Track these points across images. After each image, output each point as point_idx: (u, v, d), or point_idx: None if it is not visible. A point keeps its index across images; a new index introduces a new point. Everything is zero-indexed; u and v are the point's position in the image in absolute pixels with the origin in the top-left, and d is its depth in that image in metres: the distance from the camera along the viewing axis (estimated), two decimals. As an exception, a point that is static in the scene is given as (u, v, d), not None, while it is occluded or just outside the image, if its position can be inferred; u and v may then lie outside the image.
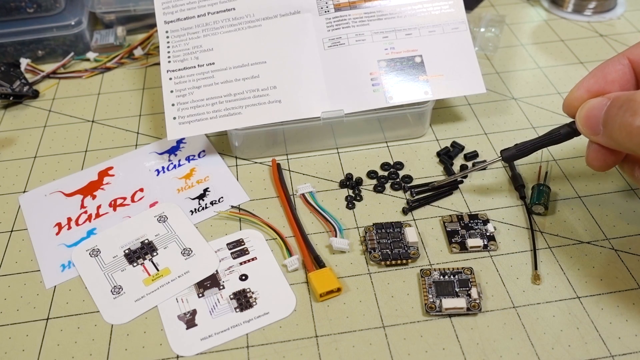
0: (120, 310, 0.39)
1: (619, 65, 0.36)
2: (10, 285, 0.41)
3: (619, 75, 0.36)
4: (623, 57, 0.37)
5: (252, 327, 0.38)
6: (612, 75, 0.36)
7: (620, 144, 0.33)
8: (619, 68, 0.36)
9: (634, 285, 0.39)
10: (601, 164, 0.37)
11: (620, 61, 0.37)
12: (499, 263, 0.41)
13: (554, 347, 0.36)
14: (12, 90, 0.57)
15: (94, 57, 0.62)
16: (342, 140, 0.50)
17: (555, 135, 0.39)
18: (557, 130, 0.39)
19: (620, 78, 0.36)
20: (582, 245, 0.42)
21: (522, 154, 0.41)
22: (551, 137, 0.39)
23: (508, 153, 0.41)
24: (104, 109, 0.57)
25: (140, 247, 0.43)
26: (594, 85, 0.36)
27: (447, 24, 0.50)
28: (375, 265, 0.41)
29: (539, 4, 0.69)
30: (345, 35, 0.50)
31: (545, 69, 0.59)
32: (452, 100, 0.55)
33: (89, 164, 0.51)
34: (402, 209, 0.45)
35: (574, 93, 0.37)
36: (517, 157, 0.41)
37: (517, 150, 0.40)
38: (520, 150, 0.40)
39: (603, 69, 0.37)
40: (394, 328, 0.37)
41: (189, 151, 0.51)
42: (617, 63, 0.37)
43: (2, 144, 0.53)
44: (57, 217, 0.46)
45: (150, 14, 0.63)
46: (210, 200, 0.46)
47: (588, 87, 0.36)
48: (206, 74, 0.49)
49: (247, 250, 0.42)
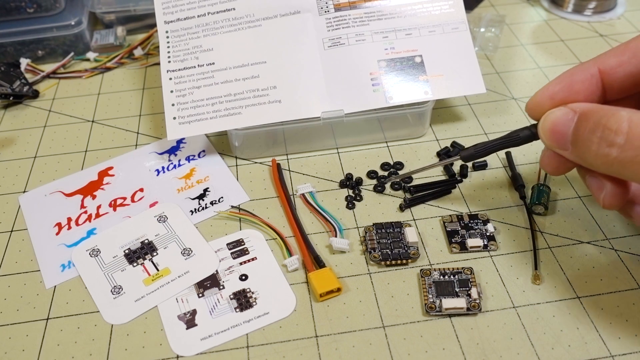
0: (120, 310, 0.39)
1: (587, 74, 0.35)
2: (10, 285, 0.41)
3: (585, 87, 0.35)
4: (594, 65, 0.36)
5: (252, 327, 0.38)
6: (578, 86, 0.35)
7: (594, 168, 0.33)
8: (586, 78, 0.35)
9: (634, 285, 0.39)
10: (555, 170, 0.36)
11: (589, 70, 0.35)
12: (499, 263, 0.41)
13: (554, 347, 0.36)
14: (12, 90, 0.57)
15: (94, 57, 0.62)
16: (342, 140, 0.50)
17: (515, 137, 0.38)
18: (517, 132, 0.38)
19: (586, 89, 0.35)
20: (582, 245, 0.42)
21: (479, 154, 0.41)
22: (510, 139, 0.39)
23: (466, 153, 0.41)
24: (104, 109, 0.57)
25: (140, 247, 0.43)
26: (559, 93, 0.35)
27: (447, 24, 0.50)
28: (375, 265, 0.41)
29: (539, 4, 0.69)
30: (345, 35, 0.50)
31: (545, 69, 0.59)
32: (452, 100, 0.55)
33: (89, 164, 0.51)
34: (399, 206, 0.45)
35: (538, 97, 0.36)
36: (475, 157, 0.41)
37: (476, 150, 0.41)
38: (478, 151, 0.40)
39: (570, 76, 0.36)
40: (394, 328, 0.37)
41: (189, 151, 0.51)
42: (586, 72, 0.35)
43: (2, 144, 0.53)
44: (57, 217, 0.46)
45: (150, 14, 0.63)
46: (210, 200, 0.46)
47: (552, 94, 0.35)
48: (206, 74, 0.49)
49: (247, 250, 0.42)
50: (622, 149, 0.30)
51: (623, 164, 0.30)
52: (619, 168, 0.31)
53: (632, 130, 0.30)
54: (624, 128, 0.30)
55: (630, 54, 0.35)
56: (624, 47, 0.35)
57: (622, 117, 0.30)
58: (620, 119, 0.30)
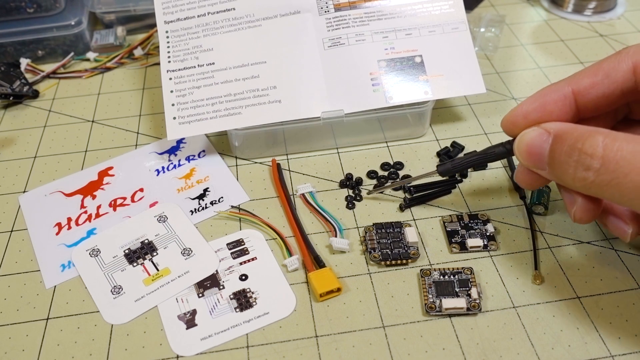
0: (120, 310, 0.39)
1: (561, 94, 0.36)
2: (10, 285, 0.41)
3: (558, 107, 0.36)
4: (567, 85, 0.36)
5: (252, 327, 0.38)
6: (551, 106, 0.36)
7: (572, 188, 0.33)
8: (559, 98, 0.36)
9: (634, 285, 0.39)
10: (529, 185, 0.37)
11: (562, 90, 0.36)
12: (499, 263, 0.41)
13: (554, 347, 0.36)
14: (12, 90, 0.57)
15: (94, 57, 0.62)
16: (342, 140, 0.50)
17: (491, 154, 0.39)
18: (492, 149, 0.39)
19: (559, 109, 0.36)
20: (582, 245, 0.42)
21: (457, 169, 0.41)
22: (486, 156, 0.39)
23: (443, 168, 0.42)
24: (104, 109, 0.57)
25: (140, 247, 0.43)
26: (533, 113, 0.36)
27: (447, 24, 0.50)
28: (375, 265, 0.41)
29: (539, 4, 0.69)
30: (345, 35, 0.50)
31: (545, 69, 0.59)
32: (452, 100, 0.55)
33: (89, 164, 0.51)
34: (399, 206, 0.45)
35: (512, 116, 0.36)
36: (451, 172, 0.42)
37: (452, 166, 0.41)
38: (455, 166, 0.41)
39: (544, 95, 0.36)
40: (394, 328, 0.37)
41: (189, 151, 0.51)
42: (560, 92, 0.36)
43: (2, 144, 0.53)
44: (57, 217, 0.46)
45: (150, 14, 0.63)
46: (210, 200, 0.46)
47: (526, 113, 0.36)
48: (206, 74, 0.49)
49: (247, 250, 0.42)
50: (598, 173, 0.31)
51: (600, 187, 0.31)
52: (597, 190, 0.31)
53: (606, 154, 0.30)
54: (599, 152, 0.30)
55: (604, 74, 0.35)
56: (596, 68, 0.36)
57: (598, 141, 0.31)
58: (595, 143, 0.31)
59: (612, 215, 0.36)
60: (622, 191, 0.30)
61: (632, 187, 0.29)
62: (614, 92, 0.35)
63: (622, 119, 0.39)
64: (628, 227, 0.36)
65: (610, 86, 0.35)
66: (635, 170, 0.29)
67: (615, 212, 0.36)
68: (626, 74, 0.35)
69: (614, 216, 0.36)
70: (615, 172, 0.30)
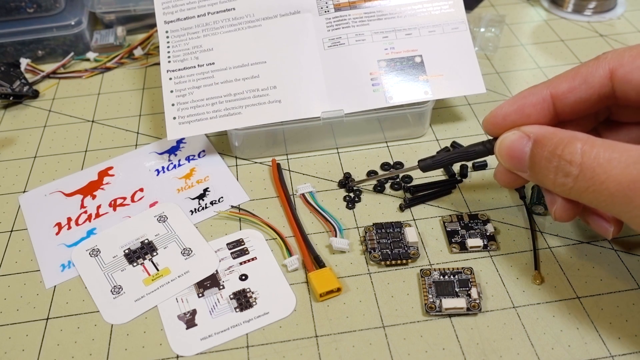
0: (120, 310, 0.39)
1: (539, 98, 0.36)
2: (10, 285, 0.41)
3: (537, 110, 0.36)
4: (546, 89, 0.36)
5: (252, 327, 0.38)
6: (530, 109, 0.36)
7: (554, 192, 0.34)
8: (537, 102, 0.36)
9: (634, 286, 0.39)
10: (508, 185, 0.38)
11: (541, 93, 0.36)
12: (499, 263, 0.41)
13: (554, 347, 0.36)
14: (12, 90, 0.57)
15: (94, 57, 0.62)
16: (342, 140, 0.50)
17: (471, 152, 0.39)
18: (473, 147, 0.39)
19: (537, 112, 0.36)
20: (582, 245, 0.42)
21: (437, 166, 0.42)
22: (467, 153, 0.40)
23: (424, 163, 0.42)
24: (104, 109, 0.57)
25: (140, 247, 0.43)
26: (511, 115, 0.36)
27: (447, 24, 0.50)
28: (375, 265, 0.41)
29: (539, 4, 0.69)
30: (345, 35, 0.50)
31: (545, 69, 0.59)
32: (452, 100, 0.55)
33: (89, 164, 0.51)
34: (399, 206, 0.45)
35: (492, 117, 0.37)
36: (432, 167, 0.42)
37: (433, 162, 0.41)
38: (435, 162, 0.41)
39: (523, 98, 0.37)
40: (394, 328, 0.37)
41: (189, 151, 0.51)
42: (538, 95, 0.36)
43: (2, 144, 0.53)
44: (57, 217, 0.46)
45: (150, 14, 0.63)
46: (210, 200, 0.46)
47: (505, 115, 0.36)
48: (206, 74, 0.49)
49: (247, 250, 0.42)
50: (577, 180, 0.31)
51: (579, 193, 0.32)
52: (576, 196, 0.32)
53: (584, 162, 0.31)
54: (578, 159, 0.31)
55: (581, 79, 0.36)
56: (574, 73, 0.36)
57: (576, 148, 0.31)
58: (574, 150, 0.31)
59: (594, 215, 0.37)
60: (599, 197, 0.31)
61: (608, 194, 0.30)
62: (592, 97, 0.35)
63: (603, 121, 0.40)
64: (610, 225, 0.36)
65: (587, 91, 0.35)
66: (611, 178, 0.30)
67: (597, 212, 0.37)
68: (603, 80, 0.35)
69: (595, 215, 0.37)
70: (593, 180, 0.30)
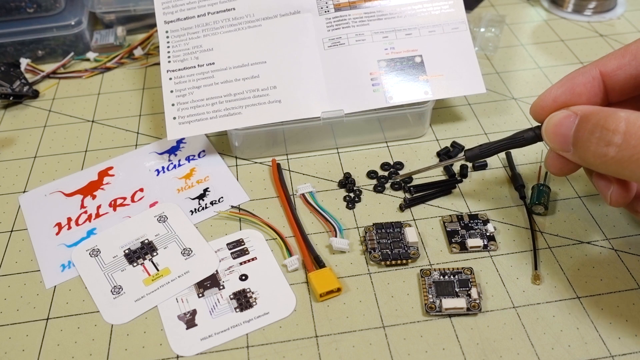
0: (120, 310, 0.39)
1: (589, 77, 0.36)
2: (10, 285, 0.41)
3: (587, 89, 0.36)
4: (595, 68, 0.36)
5: (252, 327, 0.38)
6: (580, 88, 0.36)
7: (593, 168, 0.33)
8: (587, 81, 0.36)
9: (634, 285, 0.39)
10: (559, 171, 0.37)
11: (590, 73, 0.36)
12: (499, 263, 0.41)
13: (554, 347, 0.36)
14: (12, 90, 0.57)
15: (94, 57, 0.62)
16: (342, 140, 0.50)
17: (520, 139, 0.39)
18: (522, 134, 0.39)
19: (587, 91, 0.36)
20: (582, 245, 0.42)
21: (485, 154, 0.41)
22: (515, 140, 0.39)
23: (471, 153, 0.41)
24: (104, 109, 0.57)
25: (140, 247, 0.43)
26: (561, 96, 0.36)
27: (447, 24, 0.50)
28: (375, 265, 0.41)
29: (539, 4, 0.69)
30: (345, 35, 0.50)
31: (545, 69, 0.59)
32: (452, 100, 0.55)
33: (89, 164, 0.51)
34: (399, 206, 0.45)
35: (541, 101, 0.37)
36: (479, 157, 0.41)
37: (480, 151, 0.41)
38: (483, 151, 0.41)
39: (572, 79, 0.36)
40: (394, 328, 0.37)
41: (189, 151, 0.51)
42: (587, 75, 0.36)
43: (2, 144, 0.53)
44: (57, 217, 0.46)
45: (150, 14, 0.63)
46: (210, 200, 0.46)
47: (555, 97, 0.36)
48: (206, 74, 0.49)
49: (247, 250, 0.42)
50: (620, 148, 0.31)
51: (621, 163, 0.31)
52: (617, 167, 0.31)
53: (629, 129, 0.30)
54: (622, 128, 0.30)
55: (631, 56, 0.35)
56: (624, 50, 0.36)
57: (620, 117, 0.31)
58: (618, 119, 0.31)
59: None
60: None
61: None
62: None
63: None
64: None
65: (637, 67, 0.35)
66: None
67: None
68: None
69: None
70: (637, 148, 0.30)
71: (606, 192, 0.35)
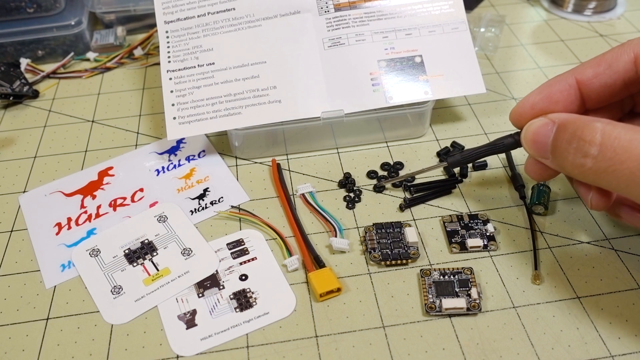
0: (120, 310, 0.39)
1: (566, 84, 0.37)
2: (10, 285, 0.41)
3: (564, 96, 0.37)
4: (571, 76, 0.37)
5: (252, 327, 0.38)
6: (557, 96, 0.37)
7: (572, 176, 0.34)
8: (564, 88, 0.37)
9: (634, 286, 0.39)
10: (539, 176, 0.38)
11: (567, 80, 0.37)
12: (499, 263, 0.41)
13: (554, 347, 0.36)
14: (12, 90, 0.57)
15: (94, 57, 0.62)
16: (342, 140, 0.50)
17: (500, 145, 0.40)
18: (501, 140, 0.40)
19: (564, 99, 0.37)
20: (582, 245, 0.42)
21: (466, 160, 0.42)
22: (495, 146, 0.40)
23: (453, 159, 0.42)
24: (104, 109, 0.57)
25: (140, 247, 0.43)
26: (539, 103, 0.37)
27: (447, 24, 0.50)
28: (375, 265, 0.41)
29: (539, 4, 0.69)
30: (345, 35, 0.50)
31: (545, 69, 0.59)
32: (452, 100, 0.55)
33: (89, 164, 0.51)
34: (399, 206, 0.45)
35: (520, 107, 0.37)
36: (461, 163, 0.42)
37: (462, 157, 0.42)
38: (464, 157, 0.42)
39: (550, 86, 0.37)
40: (394, 328, 0.37)
41: (189, 151, 0.51)
42: (564, 82, 0.37)
43: (2, 144, 0.53)
44: (57, 217, 0.46)
45: (150, 14, 0.63)
46: (210, 200, 0.46)
47: (533, 104, 0.37)
48: (206, 74, 0.49)
49: (247, 250, 0.42)
50: (596, 160, 0.31)
51: (597, 174, 0.31)
52: (594, 177, 0.32)
53: (604, 141, 0.31)
54: (597, 139, 0.31)
55: (606, 65, 0.36)
56: (600, 59, 0.37)
57: (596, 128, 0.31)
58: (594, 130, 0.31)
59: (626, 206, 0.37)
60: (619, 178, 0.30)
61: (629, 174, 0.30)
62: (616, 83, 0.36)
63: (628, 112, 0.40)
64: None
65: (612, 76, 0.36)
66: (632, 157, 0.30)
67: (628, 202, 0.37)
68: (627, 65, 0.35)
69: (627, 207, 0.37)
70: (612, 160, 0.30)
71: (586, 197, 0.36)
